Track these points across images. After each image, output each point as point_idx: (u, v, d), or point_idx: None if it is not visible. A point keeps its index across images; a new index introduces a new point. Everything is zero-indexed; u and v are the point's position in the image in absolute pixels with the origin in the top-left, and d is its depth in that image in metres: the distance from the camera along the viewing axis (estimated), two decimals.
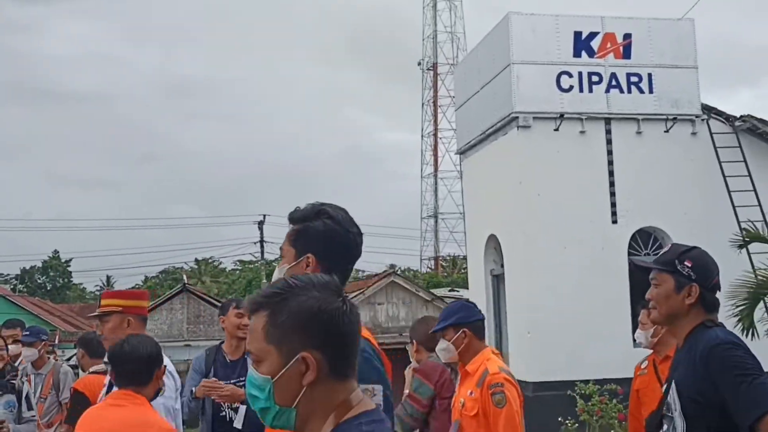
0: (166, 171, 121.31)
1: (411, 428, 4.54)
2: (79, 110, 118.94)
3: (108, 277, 66.63)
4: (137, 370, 2.98)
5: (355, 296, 26.66)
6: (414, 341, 4.81)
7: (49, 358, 7.03)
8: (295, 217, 2.46)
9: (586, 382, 11.82)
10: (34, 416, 5.42)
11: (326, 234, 2.38)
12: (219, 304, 9.68)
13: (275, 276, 2.45)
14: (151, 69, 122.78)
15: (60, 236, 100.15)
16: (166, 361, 3.78)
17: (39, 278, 62.36)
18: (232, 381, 4.66)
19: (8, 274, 57.87)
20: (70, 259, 63.54)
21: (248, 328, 1.63)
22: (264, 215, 44.26)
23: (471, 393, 3.79)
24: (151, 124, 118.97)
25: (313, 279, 1.67)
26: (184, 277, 36.24)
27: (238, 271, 58.40)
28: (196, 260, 60.70)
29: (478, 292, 14.42)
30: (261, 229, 44.13)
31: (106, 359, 3.30)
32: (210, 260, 60.98)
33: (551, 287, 12.18)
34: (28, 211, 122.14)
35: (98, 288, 66.68)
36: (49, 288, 61.00)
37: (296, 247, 2.42)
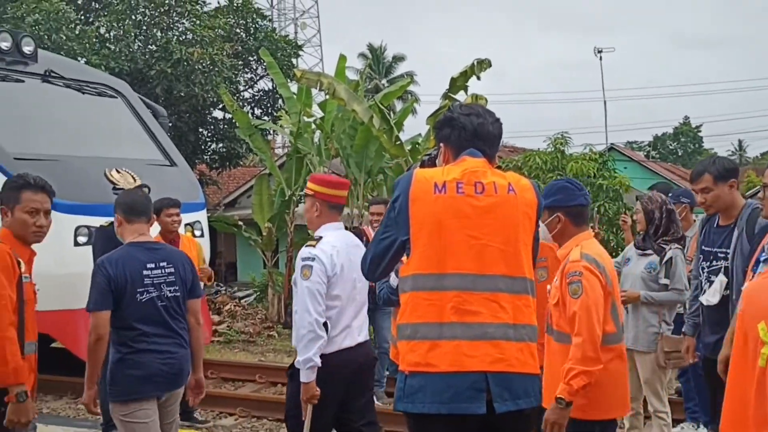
0: None
1: None
2: None
3: (740, 141, 64.02)
4: None
5: None
6: None
7: (695, 220, 6.83)
8: None
9: None
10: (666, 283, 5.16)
11: (444, 123, 2.97)
12: None
13: None
14: None
15: (689, 101, 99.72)
16: None
17: (670, 144, 63.45)
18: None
19: (642, 141, 60.19)
20: (701, 125, 62.94)
21: None
22: None
23: (556, 280, 3.62)
24: None
25: None
26: None
27: None
28: None
29: None
30: None
31: None
32: None
33: None
34: (657, 78, 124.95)
35: (730, 152, 64.91)
36: (680, 154, 61.69)
37: (437, 143, 3.06)
